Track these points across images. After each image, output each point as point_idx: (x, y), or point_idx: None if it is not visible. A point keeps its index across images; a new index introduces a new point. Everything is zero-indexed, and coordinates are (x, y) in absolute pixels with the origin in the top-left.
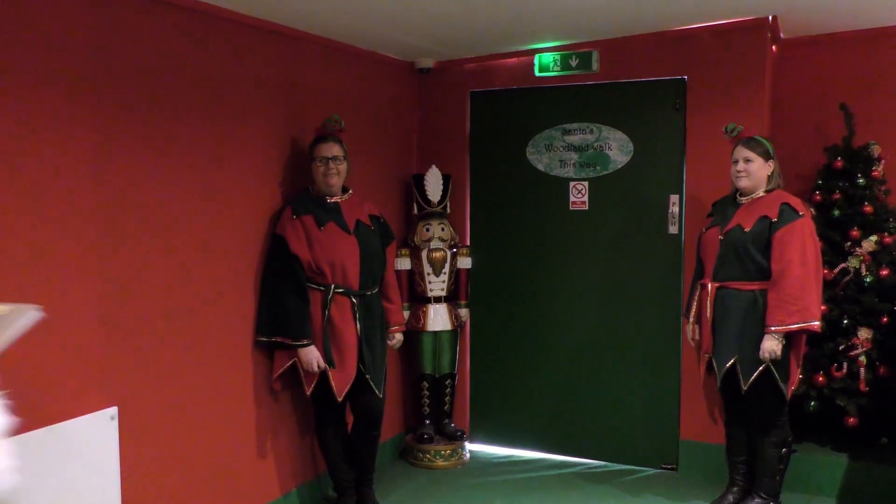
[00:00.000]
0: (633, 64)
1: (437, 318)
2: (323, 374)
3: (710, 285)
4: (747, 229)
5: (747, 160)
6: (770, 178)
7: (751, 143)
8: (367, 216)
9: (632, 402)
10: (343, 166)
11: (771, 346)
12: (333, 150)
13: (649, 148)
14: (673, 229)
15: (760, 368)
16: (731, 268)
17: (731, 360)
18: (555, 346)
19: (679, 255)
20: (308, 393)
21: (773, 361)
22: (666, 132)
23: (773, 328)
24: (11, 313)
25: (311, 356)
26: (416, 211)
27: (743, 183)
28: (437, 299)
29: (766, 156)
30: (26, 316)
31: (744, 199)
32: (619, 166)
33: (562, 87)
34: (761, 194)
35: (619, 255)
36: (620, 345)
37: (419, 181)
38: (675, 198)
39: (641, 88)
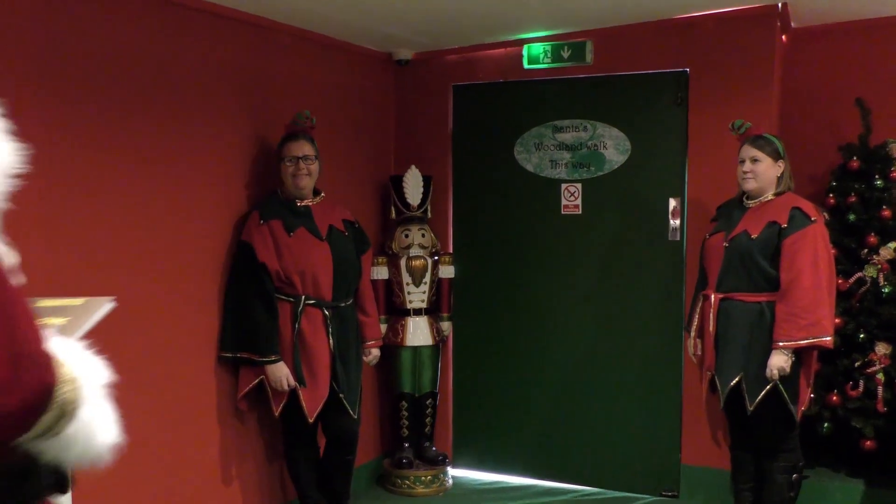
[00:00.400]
0: (630, 55)
1: (417, 333)
2: (293, 393)
3: (713, 296)
4: (754, 236)
5: (754, 160)
6: (780, 179)
7: (759, 141)
8: (341, 221)
9: (629, 423)
10: (314, 166)
11: (778, 362)
12: (304, 148)
13: (648, 147)
14: (674, 236)
15: (768, 387)
16: (737, 277)
17: (736, 378)
18: (545, 362)
19: (680, 263)
20: (276, 413)
21: (782, 379)
22: (666, 129)
23: (781, 343)
24: (86, 304)
25: (280, 373)
26: (393, 215)
27: (750, 185)
28: (417, 312)
29: (776, 155)
30: (101, 307)
31: (751, 203)
32: (616, 167)
33: (553, 80)
34: (770, 197)
35: (616, 264)
36: (617, 361)
37: (397, 183)
38: (676, 201)
39: (640, 82)
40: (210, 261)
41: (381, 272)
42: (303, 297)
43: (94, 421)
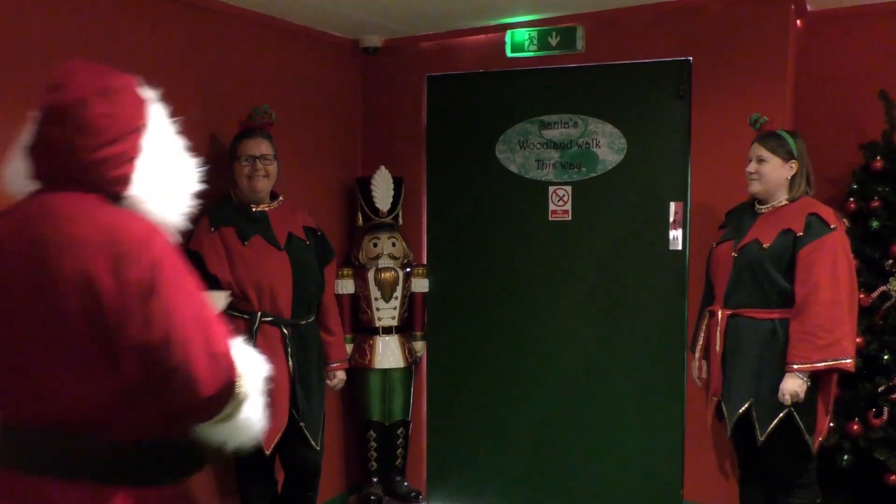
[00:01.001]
0: (626, 42)
1: (387, 353)
2: None
3: (720, 313)
4: (766, 245)
5: (760, 159)
6: (793, 182)
7: (768, 139)
8: (302, 228)
9: (625, 454)
10: (273, 167)
11: (792, 387)
12: (261, 146)
13: (646, 145)
14: (675, 245)
15: (781, 415)
16: (746, 292)
17: (746, 405)
18: (530, 387)
19: (683, 275)
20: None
21: (796, 407)
22: (667, 125)
23: (795, 366)
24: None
25: None
26: (360, 222)
27: (754, 187)
28: (387, 330)
29: (787, 155)
30: (220, 300)
31: (763, 209)
32: (610, 167)
33: (539, 70)
34: (783, 202)
35: (610, 276)
36: (611, 385)
37: (365, 186)
38: (677, 206)
39: (637, 72)
40: None
41: (346, 286)
42: (258, 313)
43: (254, 410)
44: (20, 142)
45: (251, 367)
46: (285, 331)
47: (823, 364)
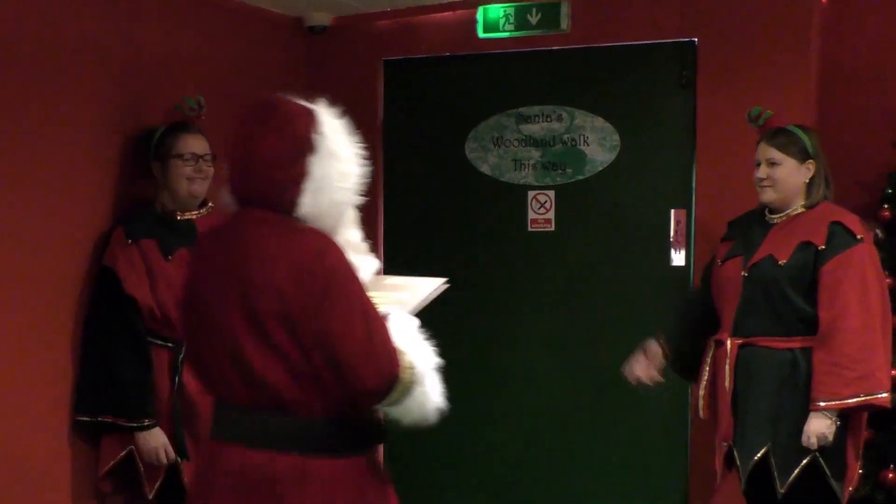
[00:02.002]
0: (619, 20)
1: None
2: (172, 470)
3: (728, 342)
4: (783, 262)
5: (771, 163)
6: (810, 186)
7: (778, 137)
8: None
9: None
10: (211, 169)
11: (819, 428)
12: (202, 144)
13: (643, 142)
14: (677, 259)
15: (804, 461)
16: (760, 317)
17: (762, 451)
18: (502, 423)
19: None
20: (150, 496)
21: (822, 451)
22: (667, 119)
23: (822, 403)
24: (423, 283)
25: (155, 443)
26: None
27: (767, 195)
28: None
29: (802, 155)
30: (435, 286)
31: (776, 218)
32: (600, 168)
33: (517, 53)
34: (799, 210)
35: (600, 297)
36: (600, 425)
37: None
38: (680, 214)
39: (632, 56)
40: (61, 294)
41: None
42: (184, 341)
43: (426, 394)
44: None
45: (419, 357)
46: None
47: (855, 400)
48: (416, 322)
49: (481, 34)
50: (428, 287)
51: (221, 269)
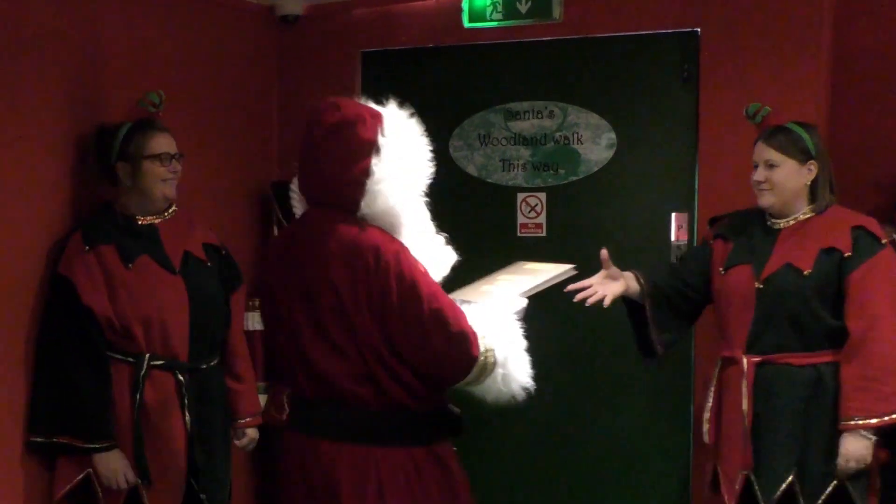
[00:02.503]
0: (616, 9)
1: None
2: (133, 494)
3: (744, 360)
4: (807, 272)
5: (770, 164)
6: (814, 188)
7: (777, 137)
8: (201, 246)
9: None
10: (180, 169)
11: (858, 450)
12: (172, 142)
13: (642, 140)
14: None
15: (829, 488)
16: (780, 332)
17: (788, 479)
18: (490, 446)
19: None
20: None
21: (852, 474)
22: (668, 115)
23: (856, 421)
24: (549, 268)
25: (114, 465)
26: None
27: (765, 200)
28: None
29: (803, 155)
30: (562, 271)
31: (781, 223)
32: (595, 169)
33: (505, 45)
34: (808, 214)
35: (595, 309)
36: (592, 457)
37: (282, 192)
38: (681, 218)
39: (629, 47)
40: (12, 304)
41: (259, 320)
42: (147, 356)
43: (509, 375)
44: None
45: (500, 340)
46: (181, 378)
47: (893, 416)
48: (519, 305)
49: (467, 24)
50: (552, 271)
51: (288, 267)
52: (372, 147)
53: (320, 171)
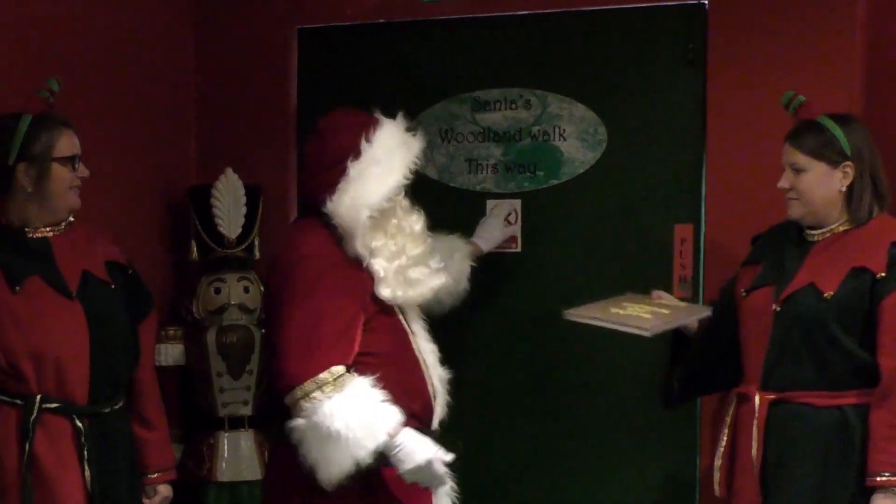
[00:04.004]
0: None
1: (237, 458)
2: None
3: (756, 397)
4: (828, 294)
5: (796, 169)
6: (850, 195)
7: (803, 135)
8: (103, 265)
9: None
10: (87, 174)
11: None
12: (77, 143)
13: (637, 135)
14: (683, 289)
15: None
16: (799, 365)
17: None
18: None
19: None
20: None
21: None
22: (669, 106)
23: (888, 477)
24: (688, 308)
25: None
26: (195, 255)
27: (793, 210)
28: (237, 422)
29: (837, 156)
30: (700, 312)
31: (815, 235)
32: (581, 170)
33: (472, 20)
34: (845, 225)
35: (582, 340)
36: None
37: (202, 199)
38: (685, 230)
39: (623, 24)
40: None
41: (173, 353)
42: (38, 397)
43: (325, 424)
44: None
45: (348, 385)
46: (79, 424)
47: None
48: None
49: None
50: (693, 312)
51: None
52: (350, 151)
53: (305, 174)
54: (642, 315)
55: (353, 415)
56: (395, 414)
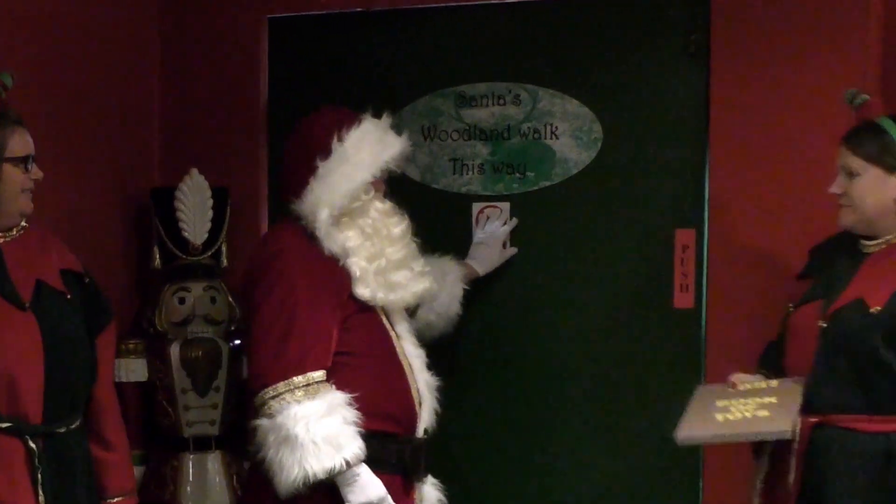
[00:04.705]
0: None
1: (202, 482)
2: None
3: (798, 420)
4: (875, 309)
5: (849, 172)
6: None
7: (858, 136)
8: (58, 273)
9: None
10: (41, 176)
11: None
12: (30, 141)
13: (636, 134)
14: (684, 300)
15: None
16: (843, 387)
17: None
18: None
19: (697, 350)
20: None
21: None
22: (669, 101)
23: None
24: (783, 387)
25: None
26: (158, 263)
27: (845, 218)
28: (202, 443)
29: (894, 162)
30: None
31: (871, 246)
32: (574, 171)
33: (456, 8)
34: None
35: (577, 353)
36: None
37: (164, 203)
38: (687, 236)
39: (620, 12)
40: None
41: (134, 369)
42: None
43: (287, 426)
44: None
45: (307, 400)
46: (32, 445)
47: None
48: (378, 488)
49: None
50: (795, 391)
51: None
52: (320, 148)
53: (281, 172)
54: (758, 415)
55: (319, 426)
56: (360, 444)
